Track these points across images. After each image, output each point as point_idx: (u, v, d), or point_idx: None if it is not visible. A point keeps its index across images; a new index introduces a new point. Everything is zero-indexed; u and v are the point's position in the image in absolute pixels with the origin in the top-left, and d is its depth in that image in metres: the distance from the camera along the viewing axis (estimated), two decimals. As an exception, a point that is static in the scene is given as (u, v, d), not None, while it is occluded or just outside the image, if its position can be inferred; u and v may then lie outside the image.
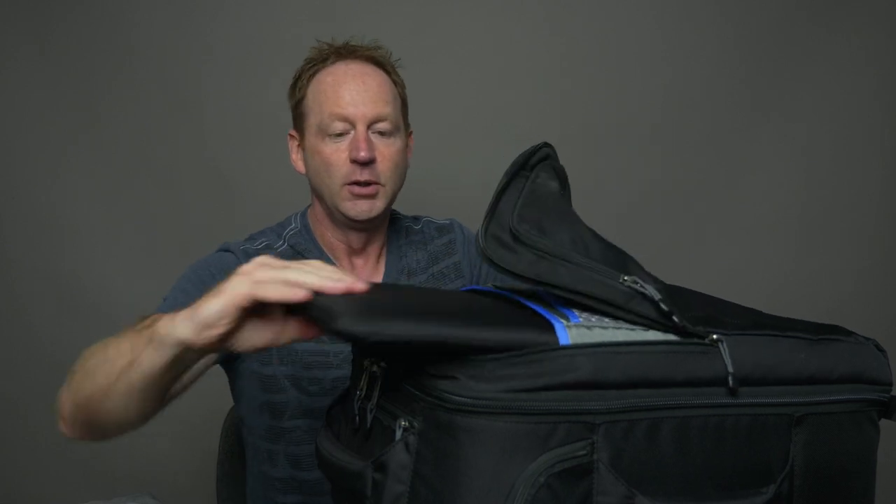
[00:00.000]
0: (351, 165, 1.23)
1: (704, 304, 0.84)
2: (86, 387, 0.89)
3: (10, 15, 1.91)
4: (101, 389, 0.87)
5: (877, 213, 2.01)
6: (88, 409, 0.90)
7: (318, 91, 1.27)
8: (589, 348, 0.68)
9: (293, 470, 1.26)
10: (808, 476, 0.75)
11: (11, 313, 1.96)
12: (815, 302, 1.84)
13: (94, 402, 0.88)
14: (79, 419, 0.93)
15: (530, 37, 1.98)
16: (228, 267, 1.20)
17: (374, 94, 1.25)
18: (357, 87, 1.24)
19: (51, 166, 1.95)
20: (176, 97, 1.93)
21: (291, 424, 1.25)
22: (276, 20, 1.92)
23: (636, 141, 1.98)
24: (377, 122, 1.24)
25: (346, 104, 1.23)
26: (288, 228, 1.34)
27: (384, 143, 1.25)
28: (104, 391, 0.87)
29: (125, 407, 0.87)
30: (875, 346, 0.81)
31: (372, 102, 1.24)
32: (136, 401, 0.86)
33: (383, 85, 1.27)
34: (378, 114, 1.24)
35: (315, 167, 1.27)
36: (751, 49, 1.98)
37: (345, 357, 1.23)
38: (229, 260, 1.24)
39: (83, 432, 0.95)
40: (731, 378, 0.71)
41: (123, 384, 0.85)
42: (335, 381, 1.24)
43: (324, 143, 1.25)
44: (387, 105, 1.25)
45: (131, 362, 0.84)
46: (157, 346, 0.81)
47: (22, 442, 1.98)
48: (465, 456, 0.66)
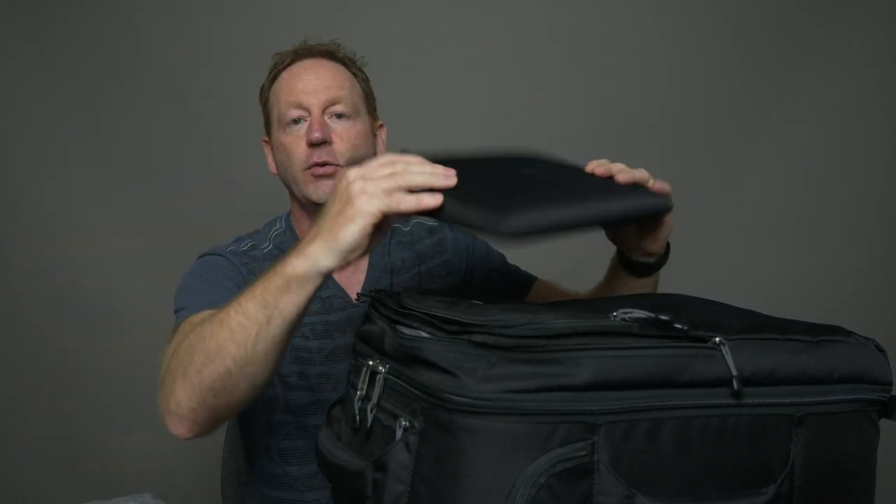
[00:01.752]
0: (308, 150, 1.25)
1: (702, 310, 0.85)
2: (216, 368, 0.90)
3: (10, 15, 1.91)
4: (240, 359, 0.89)
5: (877, 213, 2.01)
6: (224, 390, 0.91)
7: (277, 89, 1.30)
8: (591, 350, 0.68)
9: (283, 465, 1.28)
10: (808, 476, 0.75)
11: (11, 313, 1.97)
12: (815, 302, 1.84)
13: (232, 378, 0.90)
14: (207, 406, 0.93)
15: (530, 36, 1.98)
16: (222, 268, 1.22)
17: (326, 81, 1.27)
18: (310, 76, 1.28)
19: (51, 166, 1.95)
20: (176, 97, 1.94)
21: (280, 419, 1.27)
22: (277, 20, 1.92)
23: (636, 141, 1.98)
24: (332, 105, 1.26)
25: (299, 91, 1.27)
26: (273, 229, 1.36)
27: (341, 125, 1.27)
28: (243, 360, 0.89)
29: (265, 367, 0.90)
30: (875, 346, 0.81)
31: (324, 88, 1.26)
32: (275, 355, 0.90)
33: (338, 74, 1.30)
34: (332, 97, 1.26)
35: (280, 160, 1.30)
36: (751, 49, 1.98)
37: (327, 354, 1.25)
38: (220, 262, 1.25)
39: (206, 423, 0.96)
40: (735, 381, 0.71)
41: (264, 343, 0.88)
42: (319, 378, 1.25)
43: (284, 133, 1.28)
44: (341, 89, 1.28)
45: (269, 317, 0.87)
46: (298, 287, 0.85)
47: (22, 442, 1.99)
48: (466, 456, 0.66)
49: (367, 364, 0.79)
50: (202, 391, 0.92)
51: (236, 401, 0.94)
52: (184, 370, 0.92)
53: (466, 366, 0.67)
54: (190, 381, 0.92)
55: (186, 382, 0.92)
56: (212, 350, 0.90)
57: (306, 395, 1.26)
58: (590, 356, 0.68)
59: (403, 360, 0.74)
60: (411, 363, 0.72)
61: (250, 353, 0.88)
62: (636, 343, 0.70)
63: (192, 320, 1.09)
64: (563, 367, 0.67)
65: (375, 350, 0.80)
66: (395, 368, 0.75)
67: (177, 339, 1.04)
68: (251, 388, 0.92)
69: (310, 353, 1.26)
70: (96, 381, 1.95)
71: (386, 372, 0.76)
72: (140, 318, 1.92)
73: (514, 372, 0.66)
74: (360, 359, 0.83)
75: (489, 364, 0.67)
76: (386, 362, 0.77)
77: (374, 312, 0.84)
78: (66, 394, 1.98)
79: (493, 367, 0.66)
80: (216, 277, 1.21)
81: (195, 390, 0.92)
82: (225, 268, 1.24)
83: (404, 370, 0.73)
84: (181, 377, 0.93)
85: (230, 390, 0.91)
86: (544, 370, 0.66)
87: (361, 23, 1.89)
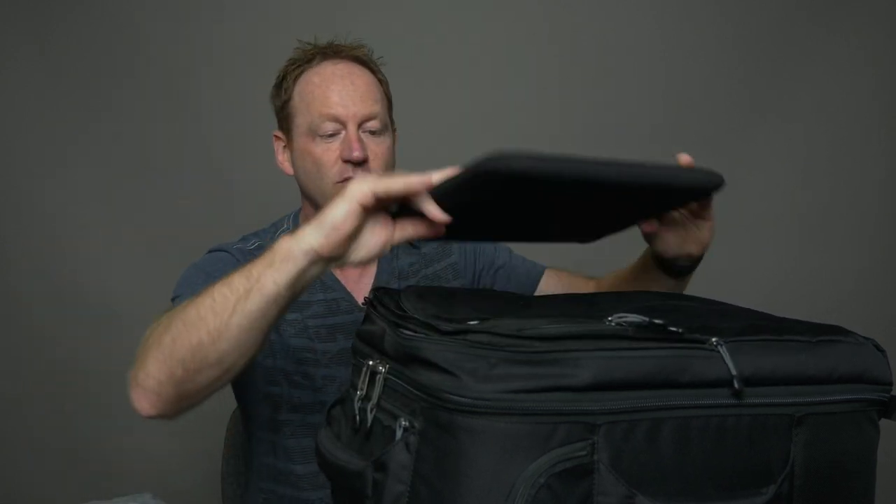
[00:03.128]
0: (343, 165, 1.23)
1: (701, 311, 0.85)
2: (190, 338, 0.88)
3: (10, 15, 1.91)
4: (213, 331, 0.87)
5: (876, 212, 2.02)
6: (193, 362, 0.89)
7: (305, 92, 1.26)
8: (592, 351, 0.68)
9: (289, 463, 1.28)
10: (808, 476, 0.75)
11: (11, 313, 1.97)
12: (815, 302, 1.84)
13: (203, 350, 0.88)
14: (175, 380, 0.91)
15: (530, 36, 1.98)
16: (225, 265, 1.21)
17: (363, 94, 1.25)
18: (346, 87, 1.24)
19: (51, 166, 1.95)
20: (176, 97, 1.93)
21: (285, 418, 1.27)
22: (277, 20, 1.92)
23: (635, 141, 1.98)
24: (367, 121, 1.25)
25: (335, 104, 1.24)
26: (280, 229, 1.35)
27: (375, 141, 1.25)
28: (217, 332, 0.87)
29: (238, 343, 0.88)
30: (875, 346, 0.81)
31: (362, 101, 1.24)
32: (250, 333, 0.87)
33: (371, 84, 1.27)
34: (368, 113, 1.24)
35: (305, 168, 1.27)
36: (750, 49, 1.98)
37: (332, 356, 1.25)
38: (224, 258, 1.25)
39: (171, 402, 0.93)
40: (735, 381, 0.71)
41: (239, 317, 0.86)
42: (324, 379, 1.26)
43: (314, 143, 1.25)
44: (376, 103, 1.26)
45: (249, 290, 0.85)
46: (281, 263, 0.84)
47: (22, 442, 1.99)
48: (466, 456, 0.66)
49: (367, 364, 0.79)
50: (173, 362, 0.90)
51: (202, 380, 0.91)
52: (159, 339, 0.91)
53: (466, 366, 0.67)
54: (162, 350, 0.90)
55: (159, 351, 0.91)
56: (191, 318, 0.89)
57: (310, 394, 1.26)
58: (590, 357, 0.67)
59: (403, 359, 0.74)
60: (411, 363, 0.72)
61: (224, 326, 0.87)
62: (636, 344, 0.70)
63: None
64: (563, 367, 0.67)
65: (375, 350, 0.80)
66: (395, 368, 0.75)
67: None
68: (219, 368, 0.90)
69: (315, 354, 1.26)
70: (96, 381, 1.95)
71: (386, 372, 0.76)
72: (140, 318, 1.89)
73: (514, 372, 0.66)
74: (359, 359, 0.83)
75: (489, 364, 0.67)
76: (386, 362, 0.77)
77: (373, 312, 0.84)
78: (66, 394, 1.98)
79: (493, 368, 0.66)
80: (217, 272, 1.20)
81: (166, 360, 0.90)
82: (228, 264, 1.23)
83: (404, 370, 0.73)
84: (155, 346, 0.91)
85: (199, 366, 0.89)
86: (544, 371, 0.66)
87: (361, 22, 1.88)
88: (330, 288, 1.30)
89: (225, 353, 0.88)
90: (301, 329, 1.26)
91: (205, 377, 0.91)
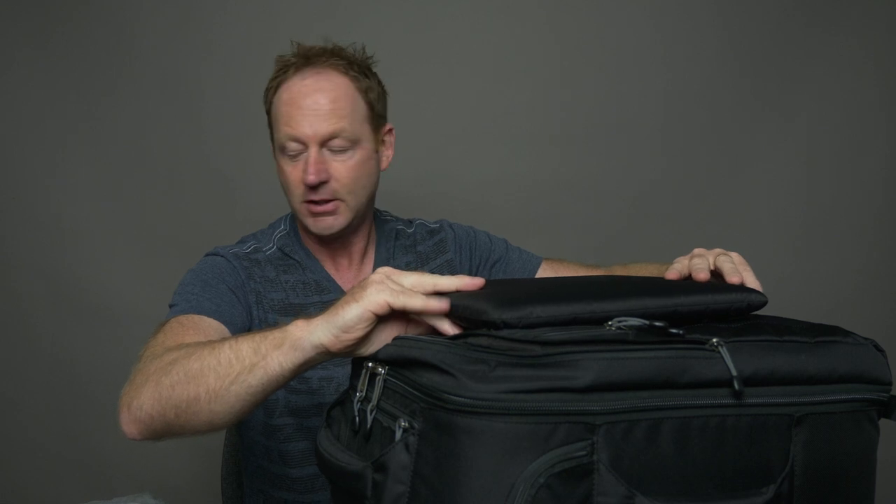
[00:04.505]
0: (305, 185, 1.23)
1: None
2: (188, 390, 0.89)
3: (10, 15, 1.91)
4: (211, 392, 0.88)
5: (877, 212, 2.02)
6: (186, 412, 0.91)
7: (276, 109, 1.26)
8: (592, 353, 0.68)
9: (284, 467, 1.28)
10: (808, 476, 0.75)
11: (11, 313, 1.97)
12: (814, 302, 1.85)
13: (198, 405, 0.89)
14: (166, 420, 0.93)
15: (530, 36, 1.98)
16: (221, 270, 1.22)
17: (326, 112, 1.22)
18: (310, 105, 1.22)
19: (51, 166, 1.95)
20: (176, 98, 1.93)
21: (281, 422, 1.27)
22: (277, 20, 1.92)
23: (636, 141, 1.99)
24: (330, 140, 1.23)
25: (297, 124, 1.22)
26: (277, 230, 1.35)
27: (340, 159, 1.24)
28: (214, 393, 0.88)
29: (231, 409, 0.89)
30: (874, 347, 0.81)
31: (324, 121, 1.22)
32: (245, 403, 0.89)
33: (339, 98, 1.24)
34: (331, 132, 1.22)
35: (280, 182, 1.30)
36: (751, 49, 1.98)
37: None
38: (220, 263, 1.25)
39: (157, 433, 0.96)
40: (735, 381, 0.71)
41: (239, 386, 0.87)
42: (321, 381, 1.26)
43: (283, 161, 1.26)
44: (341, 120, 1.23)
45: (254, 364, 0.86)
46: (289, 350, 0.84)
47: (22, 442, 1.99)
48: (466, 456, 0.66)
49: (367, 365, 0.79)
50: (167, 406, 0.91)
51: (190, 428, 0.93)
52: (158, 379, 0.92)
53: (466, 367, 0.67)
54: (160, 392, 0.92)
55: (157, 391, 0.92)
56: (193, 372, 0.90)
57: (307, 398, 1.26)
58: (590, 359, 0.67)
59: (403, 361, 0.74)
60: (410, 364, 0.72)
61: (224, 390, 0.88)
62: (636, 345, 0.70)
63: (179, 320, 1.10)
64: (563, 370, 0.67)
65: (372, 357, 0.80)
66: (395, 370, 0.75)
67: (159, 338, 1.04)
68: (208, 424, 0.92)
69: None
70: (96, 381, 1.95)
71: (385, 373, 0.76)
72: (140, 319, 1.91)
73: (514, 374, 0.66)
74: (359, 360, 0.83)
75: (489, 367, 0.67)
76: (385, 364, 0.77)
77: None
78: (66, 394, 1.98)
79: (493, 370, 0.66)
80: (213, 279, 1.22)
81: (162, 402, 0.92)
82: (224, 270, 1.24)
83: (403, 371, 0.74)
84: (154, 383, 0.93)
85: (191, 417, 0.91)
86: (545, 373, 0.66)
87: (361, 22, 1.89)
88: (326, 290, 1.30)
89: (217, 414, 0.90)
90: None
91: (193, 427, 0.93)
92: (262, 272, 1.27)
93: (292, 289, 1.28)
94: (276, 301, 1.26)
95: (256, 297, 1.25)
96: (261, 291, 1.26)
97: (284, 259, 1.31)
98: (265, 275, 1.27)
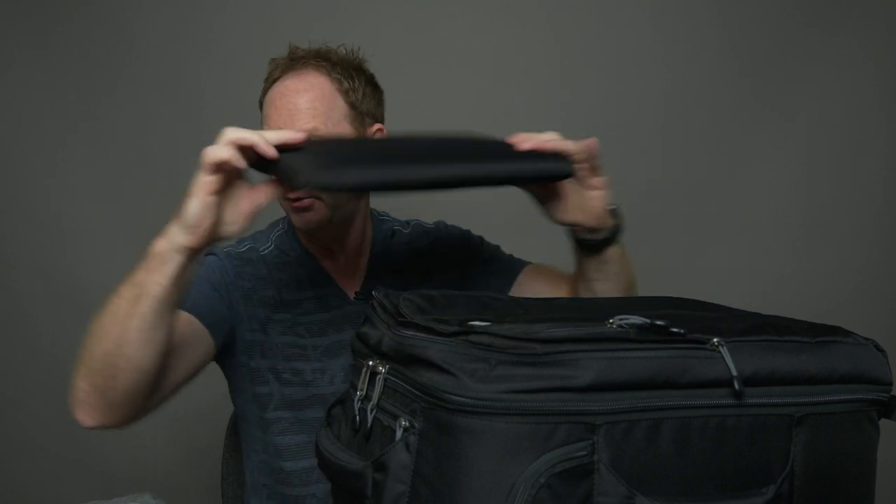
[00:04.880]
0: None
1: (700, 313, 0.85)
2: (100, 347, 0.95)
3: (10, 15, 1.91)
4: (116, 338, 0.94)
5: (877, 213, 2.01)
6: (107, 370, 0.96)
7: (265, 107, 1.30)
8: (592, 353, 0.68)
9: (278, 459, 1.29)
10: (808, 476, 0.75)
11: (11, 313, 1.97)
12: (814, 302, 1.84)
13: (112, 357, 0.95)
14: (97, 389, 0.98)
15: (530, 36, 1.98)
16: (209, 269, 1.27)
17: (300, 112, 1.24)
18: (285, 107, 1.25)
19: (51, 166, 1.95)
20: (176, 98, 1.93)
21: (275, 416, 1.29)
22: (277, 20, 1.92)
23: (636, 141, 1.98)
24: None
25: (273, 124, 1.26)
26: (276, 230, 1.37)
27: None
28: (119, 338, 0.94)
29: (144, 347, 0.95)
30: (875, 347, 0.81)
31: (296, 120, 1.23)
32: (150, 334, 0.95)
33: (317, 98, 1.25)
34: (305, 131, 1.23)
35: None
36: (750, 49, 1.98)
37: (323, 350, 1.28)
38: (211, 262, 1.28)
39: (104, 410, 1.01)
40: (736, 381, 0.71)
41: (135, 320, 0.94)
42: (314, 373, 1.27)
43: None
44: (314, 119, 1.24)
45: (138, 295, 0.93)
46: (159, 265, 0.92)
47: (22, 442, 1.99)
48: (466, 456, 0.66)
49: (367, 364, 0.79)
50: (92, 373, 0.97)
51: (122, 386, 0.98)
52: (80, 357, 0.99)
53: (467, 366, 0.67)
54: (84, 364, 0.99)
55: (81, 364, 0.99)
56: (96, 329, 0.96)
57: (301, 390, 1.27)
58: (591, 358, 0.67)
59: (403, 360, 0.74)
60: (411, 363, 0.72)
61: (125, 332, 0.94)
62: (637, 345, 0.70)
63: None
64: (563, 369, 0.67)
65: (374, 352, 0.80)
66: (395, 368, 0.75)
67: None
68: (133, 370, 0.97)
69: (305, 350, 1.28)
70: (96, 381, 1.95)
71: (386, 372, 0.76)
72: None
73: (514, 373, 0.66)
74: (359, 359, 0.83)
75: (489, 365, 0.67)
76: (386, 363, 0.77)
77: (373, 314, 0.84)
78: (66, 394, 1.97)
79: (493, 369, 0.66)
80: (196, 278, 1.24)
81: (87, 373, 0.98)
82: (212, 268, 1.28)
83: (404, 370, 0.74)
84: (80, 362, 0.99)
85: (112, 371, 0.96)
86: (545, 372, 0.66)
87: (361, 22, 1.89)
88: (319, 284, 1.31)
89: (132, 356, 0.95)
90: (289, 326, 1.28)
91: (122, 382, 0.97)
92: (255, 270, 1.30)
93: (286, 286, 1.30)
94: (267, 297, 1.28)
95: (244, 294, 1.27)
96: (251, 289, 1.28)
97: (281, 257, 1.33)
98: (257, 273, 1.30)
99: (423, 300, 0.82)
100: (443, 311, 0.78)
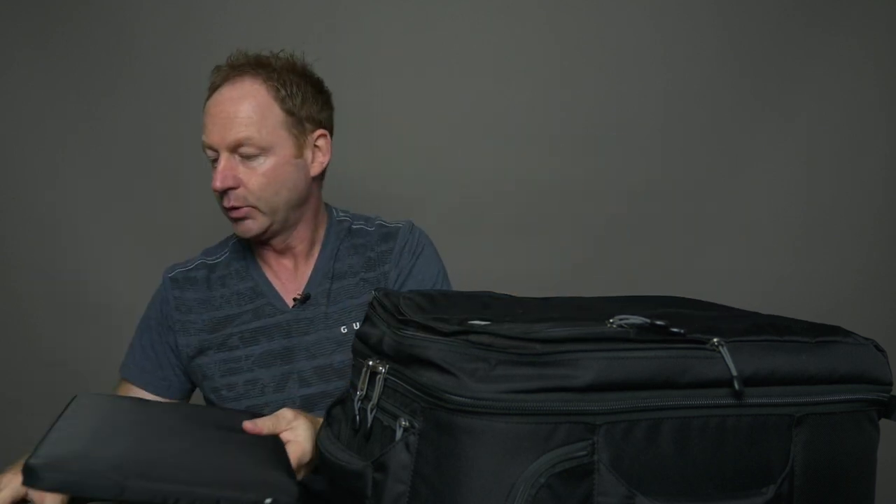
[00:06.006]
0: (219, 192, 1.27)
1: (700, 313, 0.85)
2: None
3: (10, 15, 1.91)
4: None
5: (877, 213, 2.01)
6: None
7: (202, 119, 1.30)
8: (592, 352, 0.68)
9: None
10: (808, 476, 0.75)
11: (11, 313, 1.97)
12: (814, 302, 1.84)
13: None
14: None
15: (530, 36, 1.98)
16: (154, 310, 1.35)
17: (232, 121, 1.24)
18: (220, 114, 1.25)
19: (51, 166, 1.95)
20: (176, 98, 1.93)
21: None
22: (277, 20, 1.91)
23: (635, 141, 1.98)
24: (239, 147, 1.25)
25: (208, 133, 1.26)
26: (233, 237, 1.39)
27: (250, 166, 1.26)
28: None
29: None
30: (875, 347, 0.81)
31: (230, 129, 1.24)
32: None
33: (253, 106, 1.25)
34: (236, 139, 1.24)
35: None
36: (750, 49, 1.98)
37: (254, 360, 1.28)
38: (156, 300, 1.36)
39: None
40: (736, 381, 0.71)
41: None
42: (246, 385, 1.27)
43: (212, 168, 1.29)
44: (247, 127, 1.24)
45: None
46: None
47: (22, 442, 1.98)
48: (466, 456, 0.66)
49: (367, 364, 0.79)
50: None
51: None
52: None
53: (467, 366, 0.67)
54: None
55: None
56: None
57: (237, 404, 1.28)
58: (591, 358, 0.67)
59: (403, 360, 0.74)
60: (411, 363, 0.72)
61: None
62: (637, 345, 0.70)
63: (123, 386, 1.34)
64: (563, 369, 0.67)
65: (374, 351, 0.80)
66: (395, 368, 0.75)
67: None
68: None
69: (238, 362, 1.29)
70: (96, 381, 1.94)
71: (386, 372, 0.76)
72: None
73: (514, 373, 0.66)
74: (359, 359, 0.83)
75: (489, 365, 0.67)
76: (386, 362, 0.77)
77: (373, 313, 0.84)
78: (66, 394, 1.97)
79: (493, 369, 0.66)
80: (146, 321, 1.36)
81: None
82: (155, 305, 1.35)
83: (404, 370, 0.73)
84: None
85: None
86: (545, 372, 0.66)
87: (361, 22, 1.89)
88: (260, 294, 1.32)
89: None
90: (224, 341, 1.29)
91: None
92: (196, 293, 1.32)
93: (227, 301, 1.32)
94: (203, 322, 1.30)
95: (181, 326, 1.31)
96: (184, 321, 1.31)
97: (227, 266, 1.35)
98: (198, 296, 1.32)
99: (424, 299, 0.82)
100: (443, 310, 0.78)
